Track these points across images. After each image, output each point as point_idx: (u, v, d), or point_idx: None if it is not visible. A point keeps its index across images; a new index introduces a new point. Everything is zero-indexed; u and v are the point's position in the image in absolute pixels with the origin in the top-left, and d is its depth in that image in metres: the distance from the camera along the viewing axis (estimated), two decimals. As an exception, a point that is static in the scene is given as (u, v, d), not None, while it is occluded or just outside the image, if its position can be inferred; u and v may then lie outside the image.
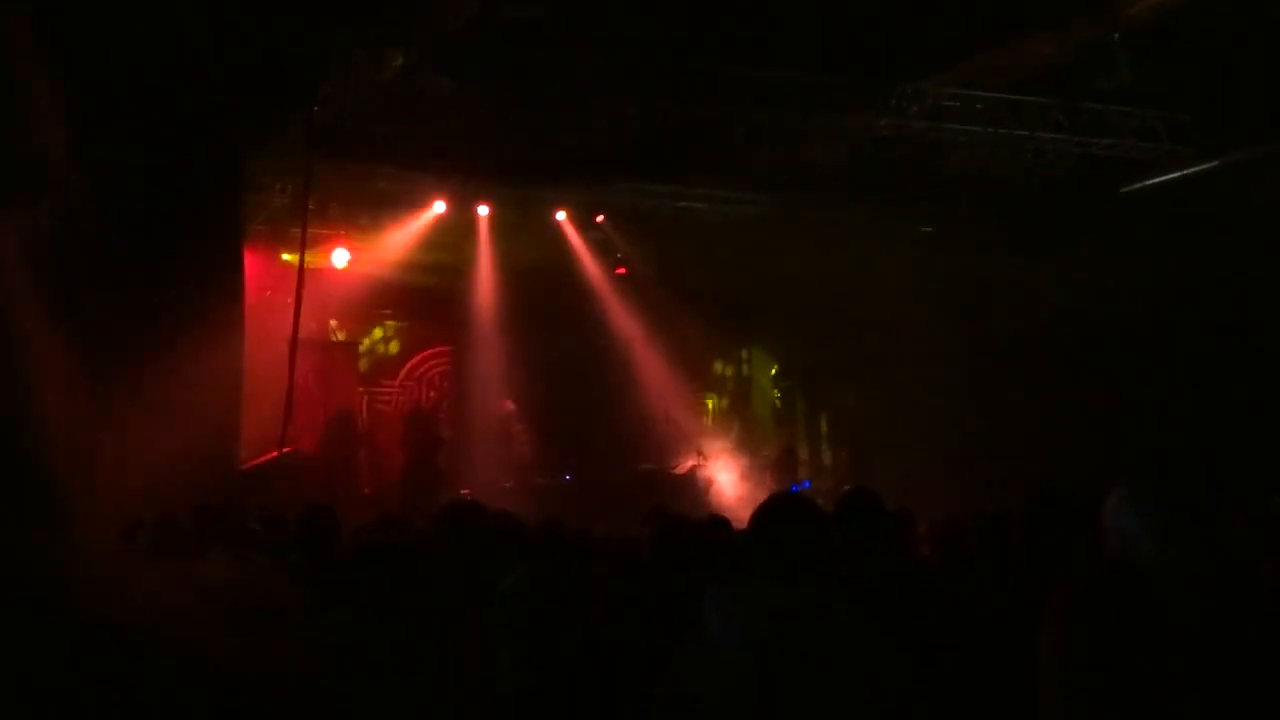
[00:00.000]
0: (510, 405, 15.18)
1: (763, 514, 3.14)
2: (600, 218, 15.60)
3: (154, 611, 0.59)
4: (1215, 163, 13.13)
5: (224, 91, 9.89)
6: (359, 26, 10.38)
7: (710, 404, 17.89)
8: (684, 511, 5.82)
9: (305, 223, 11.89)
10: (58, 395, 0.60)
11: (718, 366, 18.27)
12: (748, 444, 15.79)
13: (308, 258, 12.08)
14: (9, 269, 0.60)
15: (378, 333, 16.24)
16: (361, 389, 15.84)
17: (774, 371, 18.09)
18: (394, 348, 16.33)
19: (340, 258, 14.69)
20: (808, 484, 14.15)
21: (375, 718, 1.80)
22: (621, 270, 16.40)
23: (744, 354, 18.37)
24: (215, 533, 5.12)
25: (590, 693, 3.39)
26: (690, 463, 15.22)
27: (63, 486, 0.58)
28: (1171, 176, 13.68)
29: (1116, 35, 10.84)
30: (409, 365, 16.29)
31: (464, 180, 13.92)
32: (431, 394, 16.26)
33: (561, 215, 15.54)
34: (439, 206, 14.61)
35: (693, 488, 14.40)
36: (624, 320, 16.19)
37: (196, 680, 0.57)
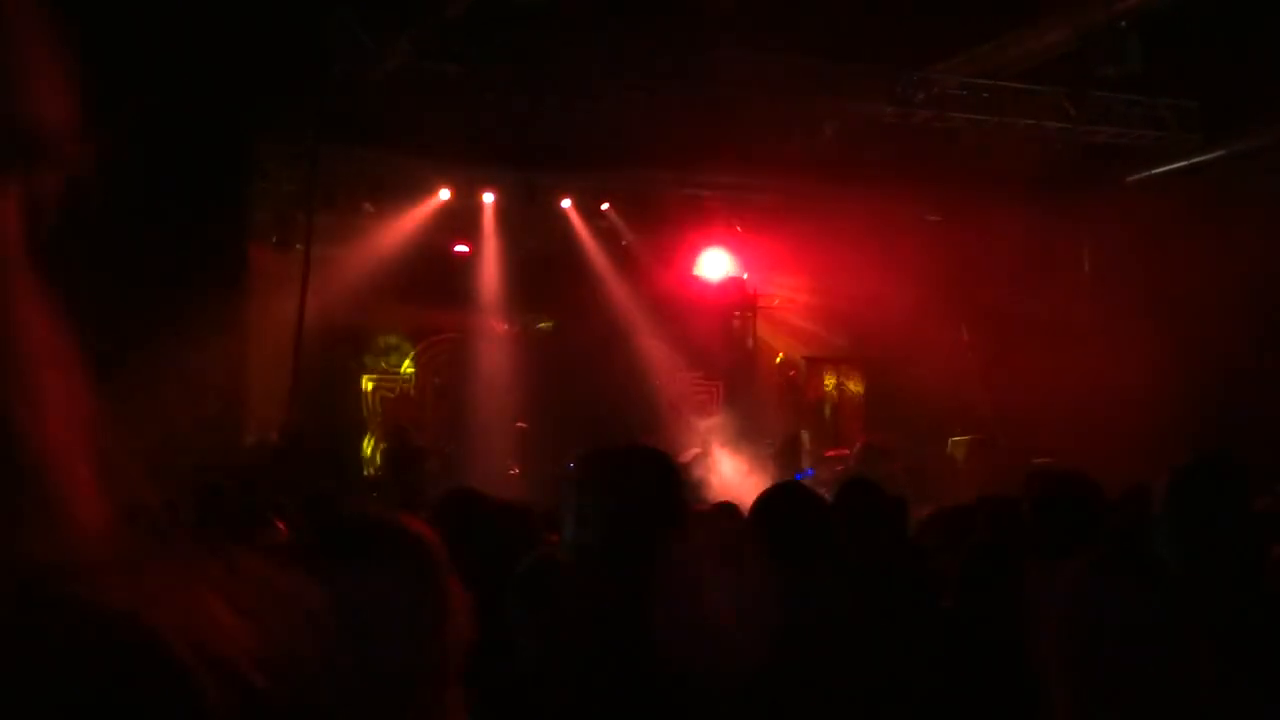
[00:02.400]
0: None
1: (764, 502, 3.15)
2: (606, 205, 15.60)
3: (164, 608, 0.58)
4: (1223, 151, 13.10)
5: (231, 75, 9.88)
6: (365, 11, 10.37)
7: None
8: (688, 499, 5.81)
9: (311, 210, 11.90)
10: (57, 376, 0.60)
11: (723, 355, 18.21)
12: (751, 432, 15.78)
13: (314, 245, 12.09)
14: (11, 241, 0.59)
15: (385, 317, 16.22)
16: (367, 375, 15.85)
17: (779, 359, 18.06)
18: (400, 333, 16.31)
19: (349, 243, 14.72)
20: (810, 472, 14.14)
21: (393, 706, 1.80)
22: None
23: (749, 342, 18.32)
24: (223, 519, 5.12)
25: (600, 677, 3.39)
26: (694, 451, 15.22)
27: (62, 469, 0.58)
28: (1179, 165, 13.65)
29: (1124, 23, 10.79)
30: (415, 351, 16.29)
31: (470, 167, 13.91)
32: (437, 380, 16.26)
33: (567, 203, 15.54)
34: (445, 194, 14.64)
35: (696, 476, 14.39)
36: (629, 308, 16.17)
37: (209, 681, 0.56)
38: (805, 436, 14.84)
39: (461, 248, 15.67)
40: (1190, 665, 2.06)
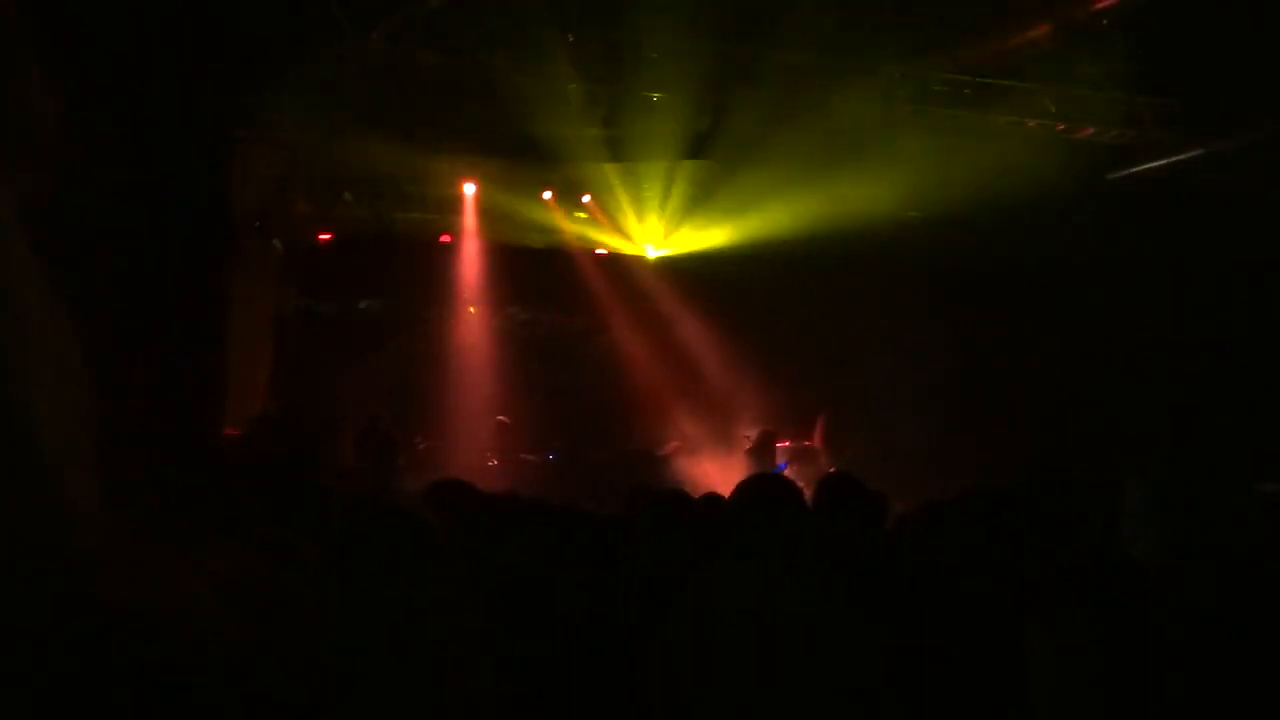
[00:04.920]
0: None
1: (741, 495, 3.15)
2: (586, 198, 15.58)
3: (164, 597, 0.58)
4: (1203, 149, 13.15)
5: (212, 64, 9.81)
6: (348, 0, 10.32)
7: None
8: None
9: (291, 199, 11.85)
10: (54, 366, 0.60)
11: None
12: (728, 427, 15.79)
13: (293, 234, 12.04)
14: (9, 236, 0.60)
15: (366, 307, 16.15)
16: (346, 363, 15.77)
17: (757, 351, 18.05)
18: (379, 322, 16.25)
19: (327, 233, 14.67)
20: (783, 466, 14.18)
21: (385, 701, 1.79)
22: (603, 252, 16.37)
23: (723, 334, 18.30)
24: (210, 509, 5.08)
25: (583, 671, 3.40)
26: (673, 445, 15.24)
27: (59, 460, 0.58)
28: (1160, 163, 13.70)
29: (1105, 20, 10.83)
30: (394, 341, 16.22)
31: (451, 156, 13.86)
32: (416, 370, 16.21)
33: (548, 194, 15.52)
34: (426, 182, 14.61)
35: (675, 470, 14.41)
36: (609, 301, 16.17)
37: (208, 670, 0.56)
38: (782, 430, 14.87)
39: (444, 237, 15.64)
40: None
